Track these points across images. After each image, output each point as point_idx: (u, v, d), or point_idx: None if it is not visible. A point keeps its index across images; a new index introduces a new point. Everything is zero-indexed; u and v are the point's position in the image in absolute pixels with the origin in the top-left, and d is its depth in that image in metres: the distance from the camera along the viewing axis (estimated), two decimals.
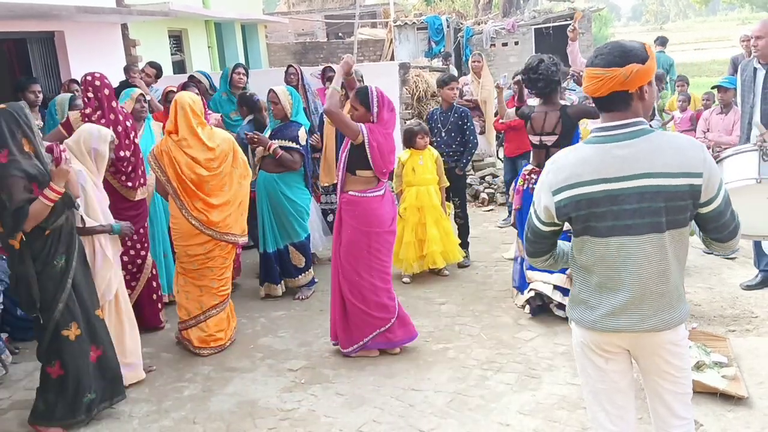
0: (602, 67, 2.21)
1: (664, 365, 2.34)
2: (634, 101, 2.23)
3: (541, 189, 2.36)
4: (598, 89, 2.22)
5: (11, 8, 6.57)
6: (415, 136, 5.74)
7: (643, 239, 2.21)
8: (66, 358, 3.64)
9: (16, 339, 4.93)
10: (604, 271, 2.29)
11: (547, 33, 16.71)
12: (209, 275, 4.68)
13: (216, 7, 14.04)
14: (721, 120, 6.83)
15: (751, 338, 4.32)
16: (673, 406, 2.37)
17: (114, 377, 3.87)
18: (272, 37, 22.69)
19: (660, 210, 2.17)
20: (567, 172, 2.26)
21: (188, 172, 4.48)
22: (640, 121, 2.24)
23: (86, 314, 3.73)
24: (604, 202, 2.21)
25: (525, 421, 3.57)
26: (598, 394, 2.45)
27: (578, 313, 2.41)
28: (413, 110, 9.21)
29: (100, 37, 8.83)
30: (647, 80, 2.23)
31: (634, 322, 2.27)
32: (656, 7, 79.92)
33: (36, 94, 6.06)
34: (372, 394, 3.98)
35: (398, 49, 17.47)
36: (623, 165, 2.18)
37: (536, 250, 2.51)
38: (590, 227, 2.26)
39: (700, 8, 55.23)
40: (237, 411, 3.89)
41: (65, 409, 3.68)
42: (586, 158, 2.25)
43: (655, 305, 2.26)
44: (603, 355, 2.40)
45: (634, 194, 2.18)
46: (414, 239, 5.79)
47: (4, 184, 3.39)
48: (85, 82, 4.71)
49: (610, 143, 2.22)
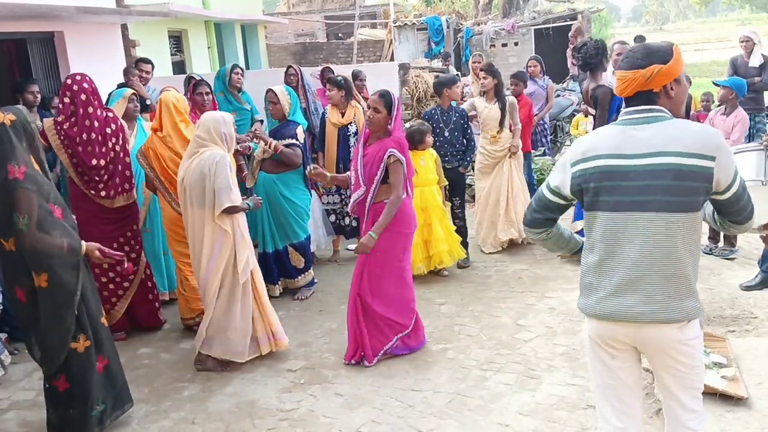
0: (626, 69, 2.36)
1: (672, 362, 2.35)
2: (660, 99, 2.34)
3: (561, 162, 2.48)
4: (624, 90, 2.38)
5: (11, 9, 6.57)
6: (424, 135, 5.77)
7: (649, 216, 2.26)
8: (73, 371, 3.48)
9: (15, 339, 4.93)
10: (607, 247, 2.33)
11: (546, 34, 16.72)
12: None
13: (216, 8, 14.04)
14: (722, 121, 6.82)
15: (750, 339, 4.31)
16: (684, 400, 2.39)
17: (122, 385, 3.75)
18: (272, 37, 22.69)
19: (668, 189, 2.23)
20: (586, 146, 2.39)
21: (173, 167, 4.70)
22: (662, 109, 2.34)
23: (94, 324, 3.57)
24: (614, 176, 2.30)
25: (524, 422, 3.57)
26: (605, 389, 2.48)
27: (583, 300, 2.45)
28: (413, 111, 9.22)
29: (100, 38, 8.82)
30: (671, 79, 2.33)
31: (636, 302, 2.28)
32: (656, 7, 79.99)
33: (35, 95, 6.05)
34: (371, 394, 3.97)
35: (398, 49, 17.48)
36: (638, 144, 2.29)
37: (535, 220, 2.58)
38: (600, 202, 2.34)
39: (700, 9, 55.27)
40: (236, 411, 3.89)
41: (77, 422, 3.54)
42: (605, 136, 2.38)
43: (659, 288, 2.26)
44: (609, 351, 2.42)
45: (645, 171, 2.26)
46: (420, 240, 5.78)
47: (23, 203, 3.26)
48: (64, 86, 4.61)
49: (630, 125, 2.34)
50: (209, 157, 4.15)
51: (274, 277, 5.61)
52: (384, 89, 4.30)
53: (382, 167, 4.20)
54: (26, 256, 3.31)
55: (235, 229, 4.24)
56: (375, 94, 4.28)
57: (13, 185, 3.26)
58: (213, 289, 4.22)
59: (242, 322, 4.29)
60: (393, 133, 4.27)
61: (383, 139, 4.26)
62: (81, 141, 4.53)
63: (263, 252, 5.60)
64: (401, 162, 4.21)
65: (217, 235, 4.19)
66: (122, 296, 4.91)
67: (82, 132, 4.52)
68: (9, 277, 3.47)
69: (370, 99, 4.27)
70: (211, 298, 4.24)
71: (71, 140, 4.50)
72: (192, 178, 4.19)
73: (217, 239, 4.19)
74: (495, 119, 6.35)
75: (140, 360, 4.63)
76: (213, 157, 4.15)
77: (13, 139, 3.30)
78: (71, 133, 4.49)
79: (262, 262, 5.60)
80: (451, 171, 6.11)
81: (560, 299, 5.23)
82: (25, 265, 3.34)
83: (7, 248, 3.36)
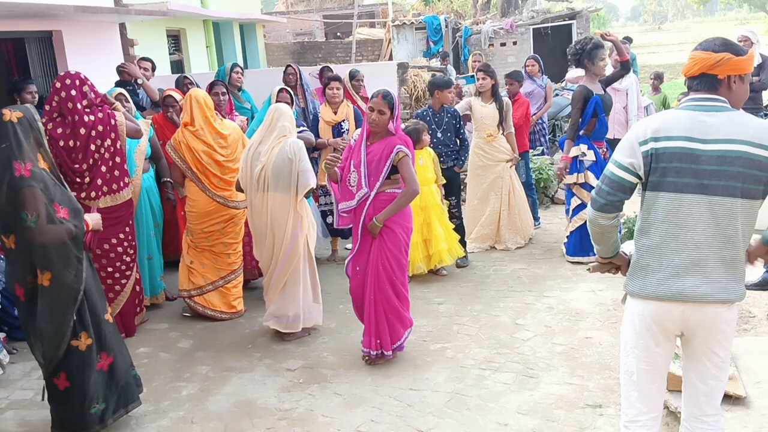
0: (702, 50, 2.44)
1: (716, 346, 2.43)
2: (721, 88, 2.41)
3: (627, 141, 2.49)
4: (691, 68, 2.44)
5: (9, 8, 6.55)
6: (421, 133, 5.78)
7: (716, 200, 2.33)
8: (72, 369, 3.45)
9: (13, 339, 4.92)
10: (671, 229, 2.39)
11: (545, 33, 16.71)
12: (224, 250, 5.26)
13: (214, 7, 14.04)
14: None
15: (748, 338, 4.32)
16: (714, 393, 2.48)
17: (127, 383, 3.69)
18: (270, 36, 22.69)
19: (737, 175, 2.30)
20: (656, 125, 2.42)
21: (206, 158, 5.08)
22: (726, 100, 2.41)
23: (96, 321, 3.52)
24: (685, 158, 2.34)
25: (523, 421, 3.57)
26: (639, 374, 2.54)
27: (639, 282, 2.49)
28: (411, 110, 9.22)
29: (98, 37, 8.81)
30: (738, 72, 2.41)
31: (697, 283, 2.35)
32: (654, 7, 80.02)
33: (33, 95, 5.99)
34: (370, 393, 3.98)
35: (396, 48, 17.47)
36: (708, 129, 2.35)
37: (610, 203, 2.53)
38: (666, 182, 2.38)
39: (698, 8, 55.30)
40: (235, 411, 3.89)
41: (75, 421, 3.53)
42: (676, 118, 2.42)
43: (719, 270, 2.36)
44: (656, 337, 2.47)
45: (714, 156, 2.32)
46: (420, 239, 5.78)
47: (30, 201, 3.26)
48: (52, 87, 4.57)
49: (699, 111, 2.39)
50: (293, 143, 4.61)
51: None
52: (385, 89, 4.27)
53: (389, 164, 4.19)
54: (36, 252, 3.31)
55: (307, 208, 4.79)
56: (377, 95, 4.21)
57: (20, 183, 3.26)
58: (291, 266, 4.65)
59: (304, 295, 4.75)
60: (396, 131, 4.28)
61: (387, 138, 4.25)
62: (65, 145, 4.51)
63: None
64: (409, 157, 4.22)
65: (298, 215, 4.63)
66: (114, 299, 4.84)
67: (66, 137, 4.49)
68: (10, 274, 3.48)
69: (372, 101, 4.23)
70: (287, 275, 4.66)
71: (55, 142, 4.47)
72: (277, 164, 4.56)
73: (298, 219, 4.64)
74: (492, 119, 6.36)
75: (139, 359, 4.62)
76: (297, 144, 4.62)
77: (20, 137, 3.31)
78: (55, 134, 4.46)
79: None
80: (447, 171, 6.12)
81: (559, 298, 5.24)
82: (27, 263, 3.34)
83: (8, 245, 3.36)
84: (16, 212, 3.27)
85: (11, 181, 3.26)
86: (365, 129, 4.31)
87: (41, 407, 4.00)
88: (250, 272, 5.95)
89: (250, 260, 5.97)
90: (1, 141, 3.29)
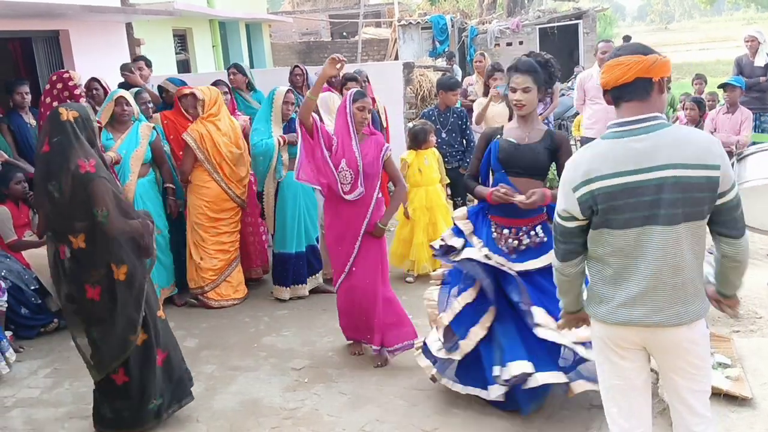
0: (629, 54, 2.30)
1: (681, 363, 2.35)
2: (654, 91, 2.29)
3: (562, 187, 2.40)
4: (623, 74, 2.28)
5: (16, 7, 6.59)
6: (428, 134, 5.78)
7: (659, 230, 2.24)
8: (131, 364, 3.47)
9: (20, 337, 4.94)
10: (621, 261, 2.32)
11: (551, 33, 16.68)
12: (229, 239, 5.54)
13: (220, 7, 14.07)
14: (728, 120, 6.81)
15: (755, 339, 4.31)
16: (692, 404, 2.39)
17: (180, 378, 3.71)
18: (276, 36, 22.72)
19: (677, 201, 2.21)
20: (586, 167, 2.31)
21: (225, 150, 5.40)
22: (658, 115, 2.29)
23: (152, 317, 3.53)
24: (622, 195, 2.25)
25: (528, 421, 3.56)
26: (613, 389, 2.47)
27: (593, 307, 2.44)
28: (417, 110, 9.22)
29: (105, 37, 8.84)
30: (667, 75, 2.32)
31: (647, 313, 2.29)
32: (661, 7, 79.77)
33: (23, 96, 5.83)
34: (375, 393, 3.98)
35: (402, 48, 17.45)
36: (641, 158, 2.23)
37: (567, 251, 2.46)
38: (609, 220, 2.29)
39: (705, 8, 55.08)
40: (240, 410, 3.90)
41: (133, 416, 3.53)
42: (603, 153, 2.30)
43: (669, 297, 2.27)
44: (618, 352, 2.41)
45: (651, 186, 2.22)
46: (425, 239, 5.77)
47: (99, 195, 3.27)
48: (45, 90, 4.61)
49: (627, 137, 2.27)
50: None
51: (303, 276, 5.54)
52: (358, 89, 4.38)
53: (381, 164, 4.27)
54: (112, 247, 3.32)
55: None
56: (360, 96, 4.22)
57: (87, 178, 3.28)
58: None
59: None
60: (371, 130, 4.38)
61: (371, 137, 4.31)
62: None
63: (294, 253, 5.47)
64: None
65: None
66: None
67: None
68: (77, 277, 3.40)
69: (362, 101, 4.20)
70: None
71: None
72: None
73: None
74: (503, 117, 6.35)
75: None
76: None
77: (80, 135, 3.35)
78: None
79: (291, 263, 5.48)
80: (452, 171, 6.10)
81: None
82: (97, 260, 3.33)
83: (76, 246, 3.34)
84: (87, 209, 3.28)
85: (79, 178, 3.28)
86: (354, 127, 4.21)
87: (47, 405, 4.02)
88: (255, 271, 5.96)
89: (255, 259, 5.98)
90: (61, 139, 3.31)
